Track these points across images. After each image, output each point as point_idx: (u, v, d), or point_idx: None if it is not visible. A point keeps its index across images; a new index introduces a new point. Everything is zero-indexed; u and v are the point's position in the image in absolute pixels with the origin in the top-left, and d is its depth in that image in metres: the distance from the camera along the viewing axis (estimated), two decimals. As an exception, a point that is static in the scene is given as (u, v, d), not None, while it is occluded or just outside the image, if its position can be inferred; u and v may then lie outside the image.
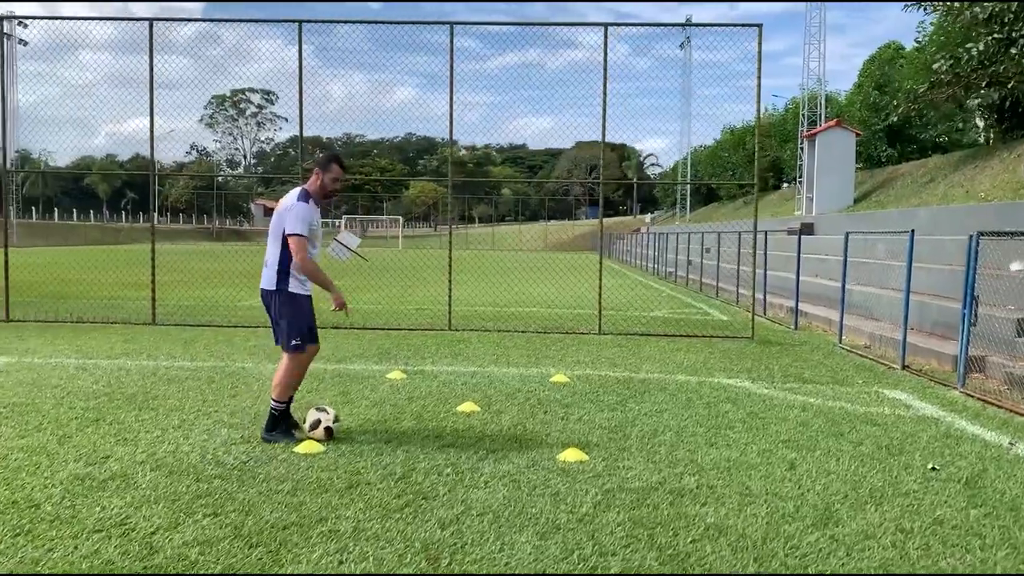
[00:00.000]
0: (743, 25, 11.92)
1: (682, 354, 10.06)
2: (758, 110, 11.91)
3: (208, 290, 17.74)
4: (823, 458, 5.44)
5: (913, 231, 9.51)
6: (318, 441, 5.46)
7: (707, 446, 5.69)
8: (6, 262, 12.58)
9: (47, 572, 3.44)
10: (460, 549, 3.75)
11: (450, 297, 12.31)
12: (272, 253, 5.62)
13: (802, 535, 4.01)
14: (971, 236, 8.14)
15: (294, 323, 5.68)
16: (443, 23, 12.06)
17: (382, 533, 3.92)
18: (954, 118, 23.56)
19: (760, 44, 11.58)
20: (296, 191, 5.65)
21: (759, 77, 11.64)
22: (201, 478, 4.73)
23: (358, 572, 3.49)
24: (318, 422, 5.59)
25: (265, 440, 5.56)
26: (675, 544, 3.86)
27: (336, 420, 5.68)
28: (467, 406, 6.70)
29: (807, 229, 22.76)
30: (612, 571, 3.57)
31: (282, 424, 5.64)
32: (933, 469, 5.23)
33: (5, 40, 49.83)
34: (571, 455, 5.28)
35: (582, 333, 11.91)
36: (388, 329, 12.00)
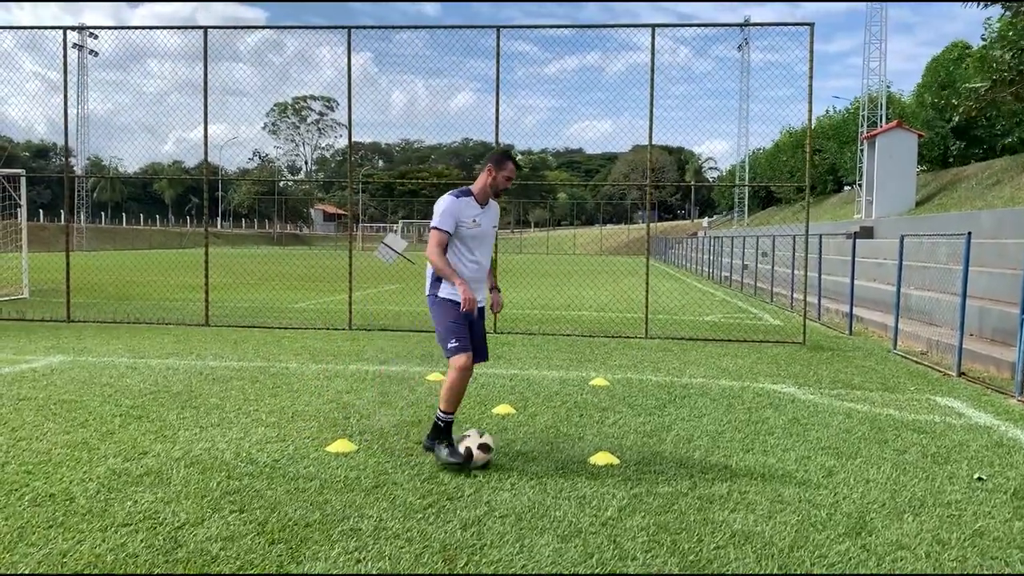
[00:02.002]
0: (795, 24, 11.69)
1: (729, 359, 9.89)
2: (810, 111, 11.66)
3: (263, 292, 18.10)
4: (863, 466, 5.28)
5: (969, 233, 9.20)
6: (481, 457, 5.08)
7: (743, 452, 5.57)
8: (68, 266, 12.97)
9: (74, 563, 3.52)
10: (479, 550, 3.73)
11: (496, 300, 12.31)
12: None
13: (832, 544, 3.89)
14: (1030, 238, 7.83)
15: (442, 328, 5.29)
16: (490, 27, 12.07)
17: (403, 532, 3.92)
18: (1022, 117, 22.73)
19: (812, 44, 11.34)
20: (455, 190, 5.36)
21: (811, 77, 11.41)
22: (232, 475, 4.80)
23: (374, 571, 3.50)
24: (486, 446, 5.11)
25: (426, 448, 5.30)
26: (698, 550, 3.78)
27: (482, 435, 5.19)
28: (502, 408, 6.68)
29: (866, 232, 22.22)
30: (630, 574, 3.51)
31: (445, 437, 5.18)
32: (979, 479, 5.04)
33: (77, 51, 51.61)
34: (602, 459, 5.22)
35: (628, 337, 11.79)
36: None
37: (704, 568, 3.60)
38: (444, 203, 5.23)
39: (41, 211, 59.65)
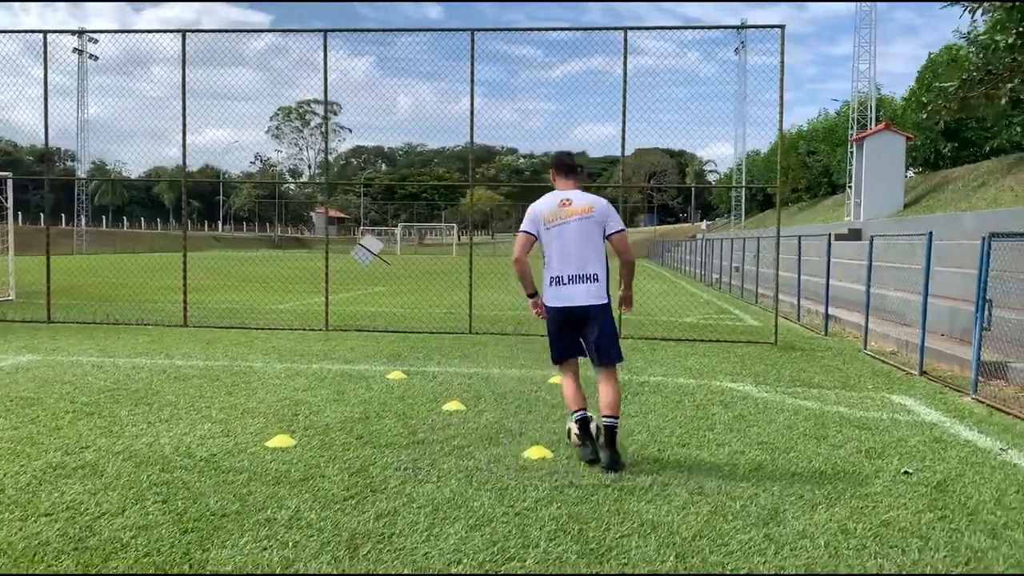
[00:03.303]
0: (766, 27, 11.76)
1: (696, 358, 9.95)
2: (780, 115, 11.71)
3: (247, 294, 18.18)
4: (794, 460, 5.35)
5: (931, 233, 9.26)
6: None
7: (678, 447, 5.64)
8: (48, 268, 13.09)
9: (-15, 550, 3.61)
10: (386, 539, 3.81)
11: (471, 301, 12.42)
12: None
13: (736, 533, 3.96)
14: (983, 238, 7.90)
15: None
16: (464, 29, 12.15)
17: (316, 522, 4.01)
18: (1011, 119, 22.74)
19: (783, 46, 11.39)
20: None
21: (781, 81, 11.44)
22: (166, 468, 4.89)
23: (276, 559, 3.58)
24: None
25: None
26: (601, 539, 3.85)
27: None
28: (452, 404, 6.76)
29: (854, 234, 22.25)
30: (528, 562, 3.59)
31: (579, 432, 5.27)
32: (906, 473, 5.10)
33: (77, 56, 51.85)
34: (536, 453, 5.30)
35: (601, 337, 11.84)
36: (410, 332, 12.14)
37: (603, 556, 3.67)
38: (532, 206, 5.41)
39: (42, 214, 59.87)
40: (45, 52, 12.50)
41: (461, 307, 15.23)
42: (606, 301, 5.29)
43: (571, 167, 5.50)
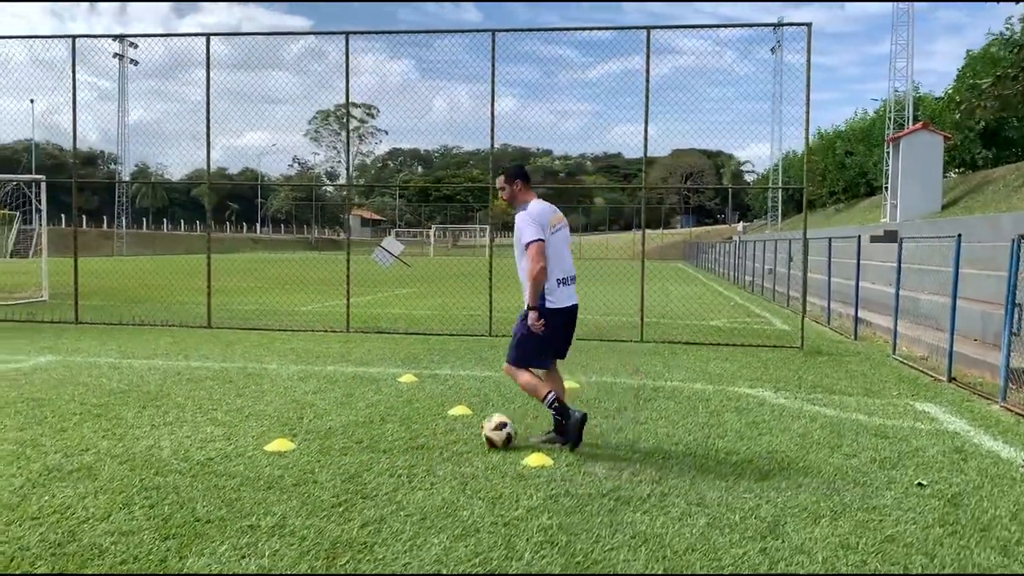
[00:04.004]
0: (791, 24, 11.53)
1: (717, 363, 9.75)
2: (807, 113, 11.44)
3: (275, 296, 18.30)
4: (803, 470, 5.17)
5: (960, 235, 8.97)
6: (495, 442, 5.46)
7: (684, 455, 5.49)
8: (75, 270, 13.26)
9: (-36, 555, 3.59)
10: (367, 548, 3.73)
11: (491, 303, 12.33)
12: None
13: (731, 547, 3.81)
14: (1013, 239, 7.62)
15: None
16: (486, 31, 12.06)
17: (299, 530, 3.94)
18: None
19: (809, 44, 11.15)
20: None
21: (808, 80, 11.20)
22: (160, 472, 4.86)
23: (252, 568, 3.51)
24: (504, 424, 5.54)
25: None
26: (589, 551, 3.73)
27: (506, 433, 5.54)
28: (459, 409, 6.67)
29: (890, 236, 21.77)
30: (510, 573, 3.48)
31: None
32: (920, 485, 4.90)
33: (118, 61, 52.81)
34: (535, 460, 5.18)
35: (622, 341, 11.69)
36: (430, 335, 12.09)
37: (588, 569, 3.55)
38: (532, 212, 5.58)
39: (85, 217, 61.03)
40: (73, 56, 12.67)
41: (484, 310, 15.16)
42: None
43: (530, 178, 5.82)
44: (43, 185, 17.16)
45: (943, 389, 8.26)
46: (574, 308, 5.73)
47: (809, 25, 11.19)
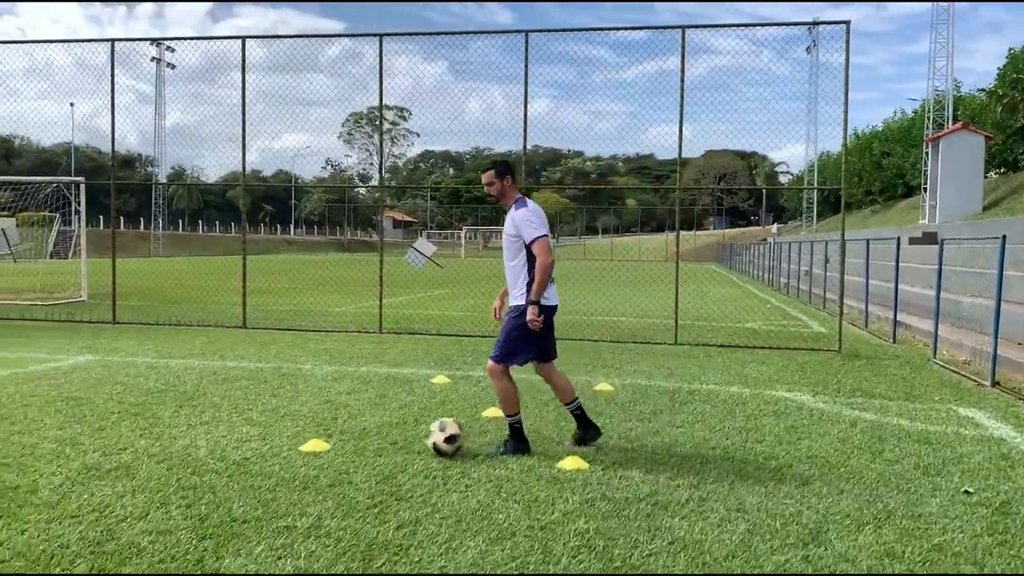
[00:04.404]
0: (829, 23, 11.38)
1: (754, 366, 9.62)
2: (845, 112, 11.26)
3: (310, 297, 18.41)
4: (844, 475, 5.06)
5: (1004, 237, 8.77)
6: (444, 452, 5.27)
7: (723, 459, 5.40)
8: (113, 270, 13.44)
9: (3, 552, 3.62)
10: (403, 551, 3.70)
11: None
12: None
13: (772, 554, 3.73)
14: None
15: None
16: (519, 31, 12.03)
17: (335, 531, 3.92)
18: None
19: (847, 43, 10.98)
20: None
21: (847, 78, 11.03)
22: (197, 471, 4.88)
23: (289, 570, 3.50)
24: (455, 437, 5.29)
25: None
26: (627, 556, 3.67)
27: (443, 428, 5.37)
28: (492, 411, 6.63)
29: (929, 238, 21.40)
30: (546, 581, 3.44)
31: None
32: (966, 492, 4.77)
33: (156, 64, 53.61)
34: (571, 463, 5.13)
35: (656, 343, 11.59)
36: (463, 336, 12.07)
37: (626, 574, 3.49)
38: (536, 209, 5.49)
39: (122, 218, 61.98)
40: (112, 59, 12.85)
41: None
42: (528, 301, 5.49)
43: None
44: (82, 187, 17.43)
45: (986, 394, 8.07)
46: (556, 307, 5.69)
47: (847, 23, 11.03)
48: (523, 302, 5.45)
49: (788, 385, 8.34)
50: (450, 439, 5.27)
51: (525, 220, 5.43)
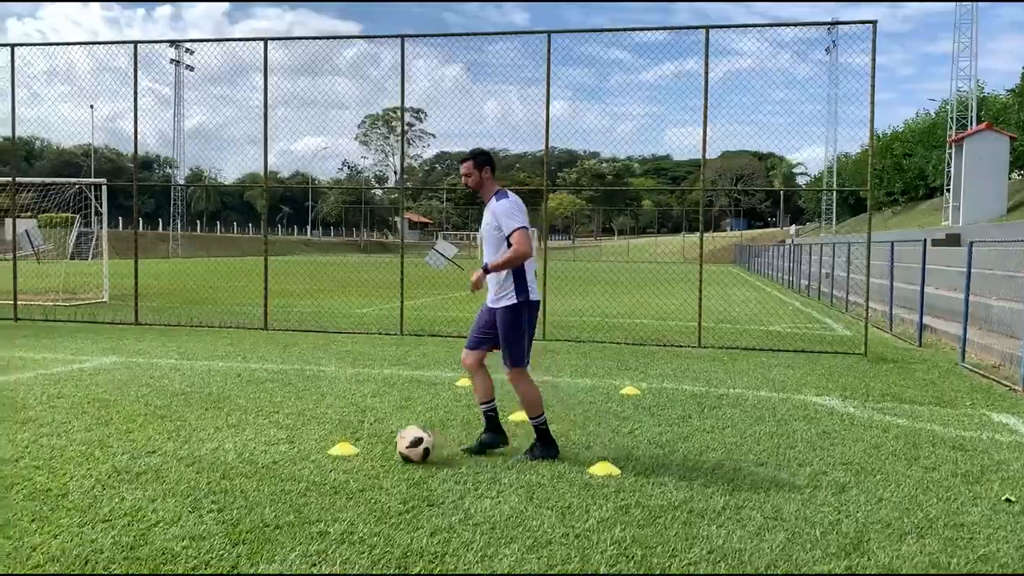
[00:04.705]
0: (855, 23, 11.24)
1: (780, 370, 9.52)
2: (872, 115, 11.15)
3: (330, 298, 18.42)
4: (881, 483, 4.97)
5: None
6: (412, 458, 5.20)
7: (755, 465, 5.32)
8: (136, 272, 13.49)
9: (39, 557, 3.60)
10: (438, 558, 3.65)
11: (544, 308, 12.16)
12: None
13: (815, 564, 3.66)
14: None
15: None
16: (542, 32, 11.98)
17: (369, 537, 3.87)
18: None
19: (874, 43, 10.86)
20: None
21: (873, 78, 10.92)
22: (226, 475, 4.85)
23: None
24: (419, 440, 5.25)
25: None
26: (666, 566, 3.60)
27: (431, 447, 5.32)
28: (519, 415, 6.57)
29: (952, 240, 21.19)
30: (585, 590, 3.38)
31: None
32: (1008, 500, 4.67)
33: (175, 67, 53.91)
34: (601, 469, 5.07)
35: (680, 346, 11.50)
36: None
37: (666, 585, 3.43)
38: (517, 201, 5.37)
39: (141, 219, 62.34)
40: (136, 61, 12.89)
41: (546, 313, 15.04)
42: (516, 301, 5.46)
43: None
44: (104, 188, 17.51)
45: (1019, 399, 7.94)
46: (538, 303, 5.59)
47: (874, 23, 10.91)
48: (508, 303, 5.36)
49: (816, 389, 8.24)
50: (414, 443, 5.18)
51: (506, 211, 5.28)
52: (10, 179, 13.90)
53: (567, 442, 5.82)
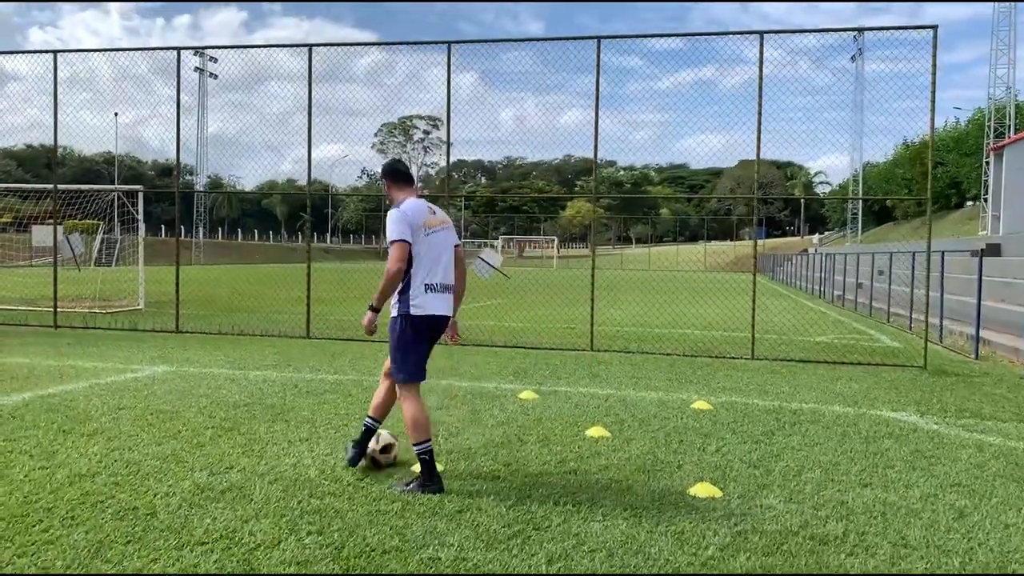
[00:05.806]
0: (916, 27, 10.99)
1: (843, 383, 9.25)
2: (932, 120, 10.90)
3: (363, 305, 18.23)
4: (1000, 507, 4.72)
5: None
6: (381, 463, 5.21)
7: (860, 487, 5.08)
8: (177, 279, 13.37)
9: (145, 583, 3.41)
10: (564, 589, 3.44)
11: (592, 317, 11.98)
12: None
13: (967, 600, 3.42)
14: None
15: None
16: (591, 38, 11.80)
17: (483, 564, 3.67)
18: None
19: (935, 47, 10.62)
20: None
21: (933, 84, 10.67)
22: (315, 494, 4.66)
23: (450, 607, 3.25)
24: (391, 446, 5.28)
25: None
26: (810, 600, 3.38)
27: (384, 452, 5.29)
28: (596, 430, 6.36)
29: (993, 250, 20.83)
30: (732, 627, 3.15)
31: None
32: None
33: (198, 75, 54.15)
34: (703, 490, 4.84)
35: (732, 358, 11.25)
36: (528, 348, 11.82)
37: (817, 622, 3.20)
38: (407, 211, 5.02)
39: (163, 226, 62.63)
40: (179, 68, 12.79)
41: (577, 322, 14.83)
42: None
43: (409, 176, 5.38)
44: (140, 195, 17.44)
45: (1103, 416, 7.65)
46: (443, 320, 5.14)
47: (935, 28, 10.68)
48: (392, 314, 5.11)
49: (890, 404, 7.97)
50: (385, 449, 5.21)
51: (389, 221, 4.98)
52: (51, 185, 13.82)
53: (655, 460, 5.59)
